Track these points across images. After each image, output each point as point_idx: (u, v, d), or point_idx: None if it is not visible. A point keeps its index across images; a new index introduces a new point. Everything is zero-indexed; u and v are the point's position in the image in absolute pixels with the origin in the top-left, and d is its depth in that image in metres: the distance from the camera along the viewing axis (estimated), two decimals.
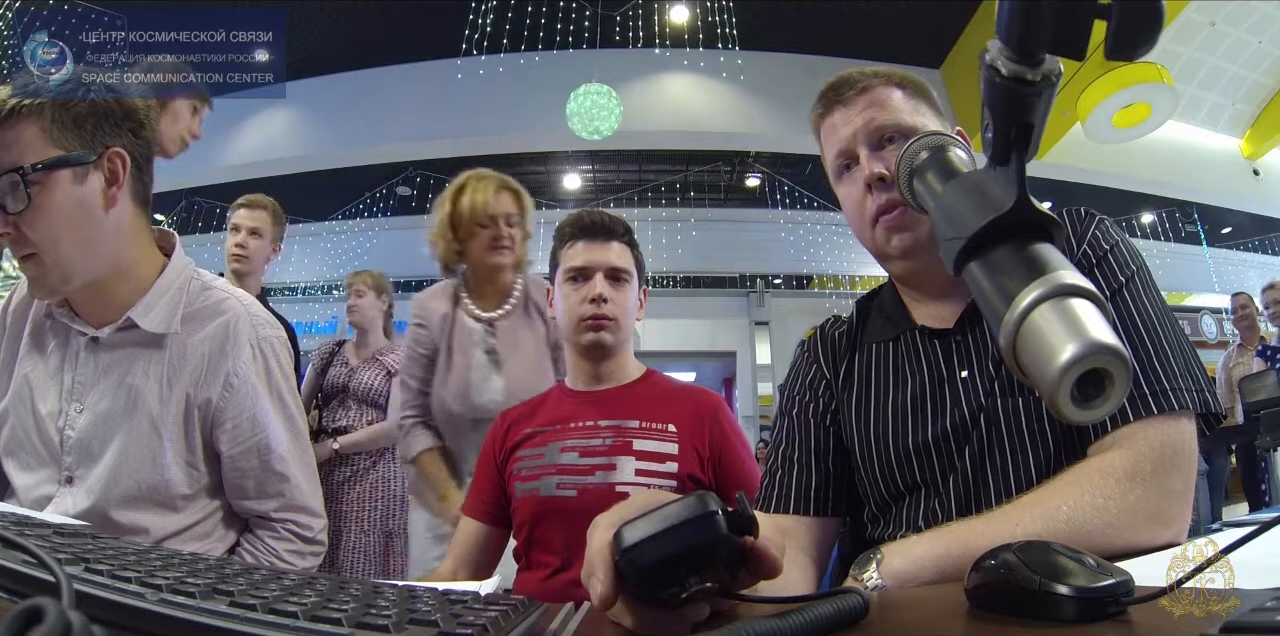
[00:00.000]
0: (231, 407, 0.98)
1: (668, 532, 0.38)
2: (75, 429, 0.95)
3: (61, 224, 0.89)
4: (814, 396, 0.90)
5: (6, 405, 0.99)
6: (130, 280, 0.98)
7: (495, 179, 1.83)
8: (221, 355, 0.98)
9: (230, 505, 1.03)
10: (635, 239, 1.38)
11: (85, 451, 0.94)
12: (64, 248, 0.90)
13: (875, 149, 0.83)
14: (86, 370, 0.97)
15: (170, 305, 0.99)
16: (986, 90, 0.42)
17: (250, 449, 1.00)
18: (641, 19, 7.48)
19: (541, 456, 1.26)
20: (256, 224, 2.31)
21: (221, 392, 0.98)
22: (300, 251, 9.61)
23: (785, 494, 0.85)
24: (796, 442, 0.88)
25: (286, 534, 1.04)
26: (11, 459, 0.98)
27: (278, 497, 1.03)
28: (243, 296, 1.06)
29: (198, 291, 1.02)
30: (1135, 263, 0.77)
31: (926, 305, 0.86)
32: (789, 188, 9.26)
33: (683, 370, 9.56)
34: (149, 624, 0.34)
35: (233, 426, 0.99)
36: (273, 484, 1.02)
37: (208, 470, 1.00)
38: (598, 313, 1.27)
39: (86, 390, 0.96)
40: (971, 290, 0.43)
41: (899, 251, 0.82)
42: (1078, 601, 0.37)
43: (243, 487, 1.01)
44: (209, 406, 0.97)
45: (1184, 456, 0.66)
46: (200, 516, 1.00)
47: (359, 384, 2.57)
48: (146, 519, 0.94)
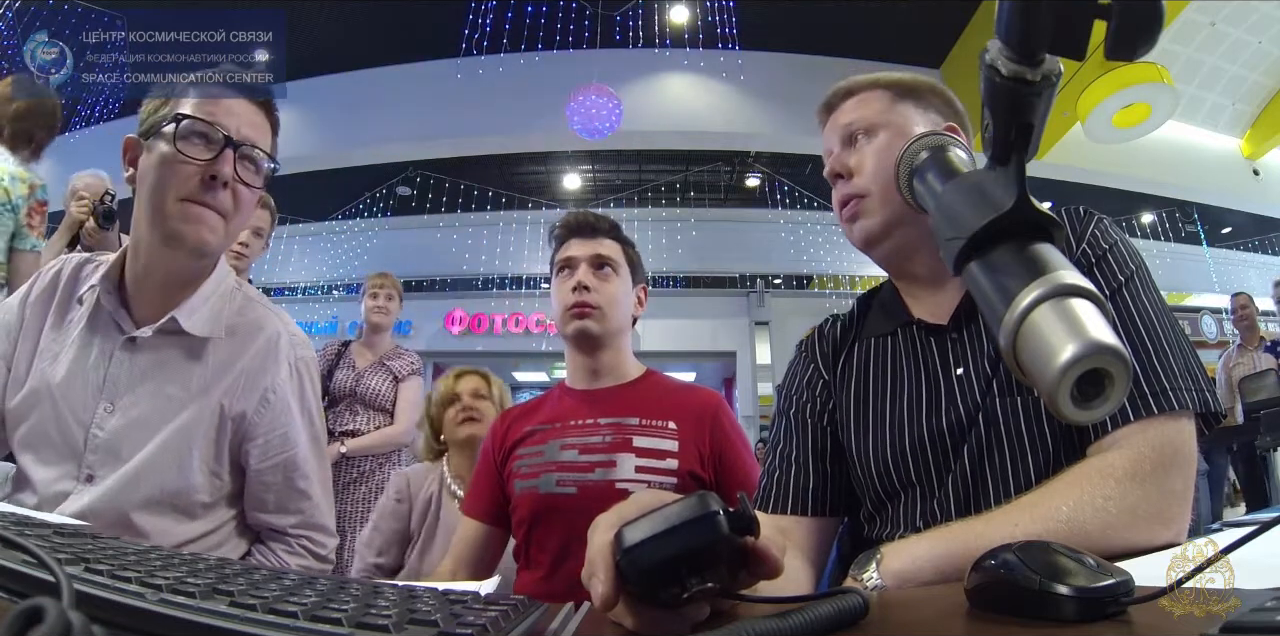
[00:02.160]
0: (265, 423, 0.99)
1: (669, 533, 0.38)
2: (104, 429, 0.94)
3: (248, 207, 0.97)
4: (811, 396, 0.90)
5: (26, 398, 0.97)
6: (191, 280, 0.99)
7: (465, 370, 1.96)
8: (261, 371, 0.99)
9: (245, 516, 1.03)
10: (625, 236, 1.40)
11: (112, 453, 0.94)
12: (240, 223, 0.97)
13: (845, 146, 0.87)
14: (121, 370, 0.96)
15: (213, 311, 0.99)
16: (986, 90, 0.42)
17: (277, 465, 1.00)
18: (641, 19, 7.48)
19: (541, 454, 1.27)
20: (260, 223, 2.32)
21: (258, 407, 0.98)
22: (300, 251, 9.62)
23: (783, 494, 0.85)
24: (794, 443, 0.88)
25: (300, 549, 1.04)
26: (29, 452, 0.96)
27: (297, 514, 1.03)
28: (281, 313, 1.07)
29: (241, 303, 1.03)
30: (1134, 262, 0.77)
31: (923, 299, 0.86)
32: (789, 188, 9.27)
33: (683, 370, 9.57)
34: (149, 623, 0.34)
35: (264, 441, 0.99)
36: (294, 501, 1.02)
37: (230, 480, 1.00)
38: (581, 300, 1.29)
39: (119, 392, 0.95)
40: (971, 290, 0.43)
41: (859, 241, 0.86)
42: (1078, 601, 0.37)
43: (264, 501, 1.01)
44: (243, 420, 0.98)
45: (1184, 456, 0.66)
46: (216, 525, 0.99)
47: (365, 389, 2.61)
48: (164, 524, 0.94)
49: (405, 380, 2.63)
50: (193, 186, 0.91)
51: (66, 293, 1.01)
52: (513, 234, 9.17)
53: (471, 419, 1.80)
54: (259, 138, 0.96)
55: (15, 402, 0.97)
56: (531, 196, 9.63)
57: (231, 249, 2.26)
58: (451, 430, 1.82)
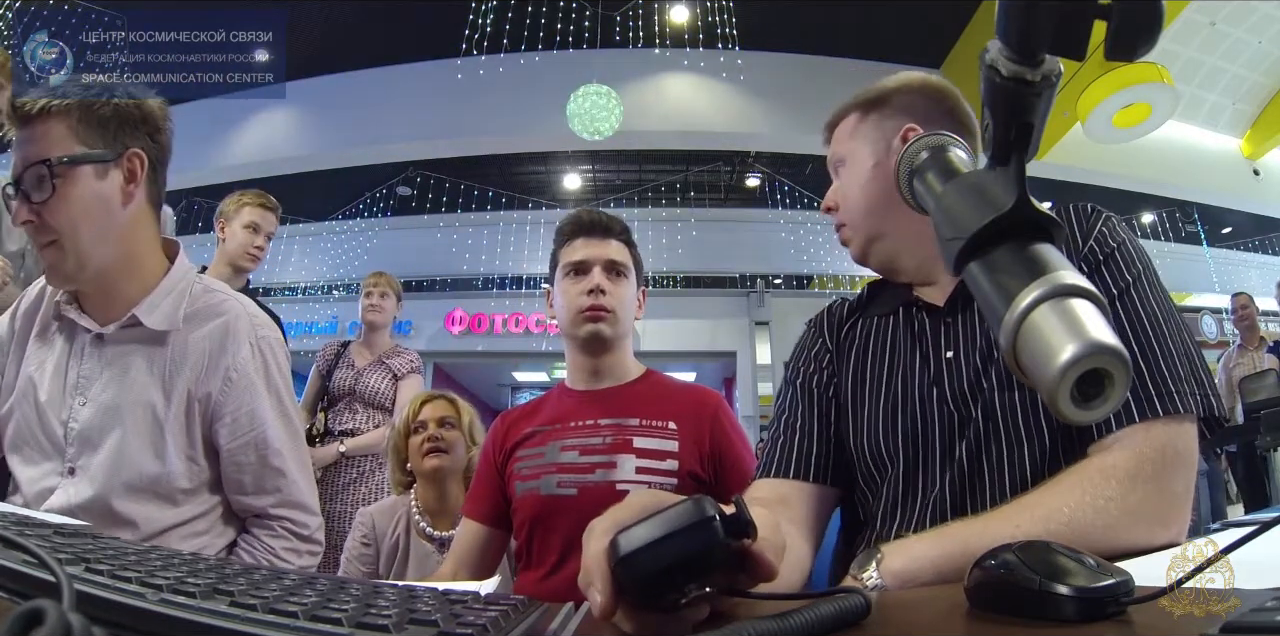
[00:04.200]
0: (230, 402, 1.01)
1: (665, 540, 0.37)
2: (79, 421, 0.98)
3: (81, 214, 0.96)
4: (818, 367, 0.92)
5: (13, 402, 1.02)
6: (137, 278, 1.02)
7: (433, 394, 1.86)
8: (221, 351, 1.02)
9: (229, 503, 1.05)
10: (632, 238, 1.38)
11: (86, 441, 0.97)
12: (83, 236, 0.96)
13: (835, 178, 0.94)
14: (90, 364, 1.00)
15: (173, 305, 1.02)
16: (986, 90, 0.42)
17: (248, 443, 1.02)
18: (641, 19, 7.49)
19: (541, 455, 1.26)
20: (272, 228, 2.38)
21: (221, 387, 1.01)
22: (300, 251, 9.62)
23: (785, 459, 0.87)
24: (799, 411, 0.90)
25: (283, 531, 1.05)
26: (16, 454, 1.01)
27: (274, 493, 1.05)
28: (243, 299, 1.10)
29: (199, 293, 1.06)
30: (1142, 262, 0.77)
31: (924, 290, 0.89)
32: (789, 188, 9.26)
33: (683, 370, 9.56)
34: (149, 623, 0.34)
35: (231, 420, 1.01)
36: (270, 479, 1.04)
37: (208, 465, 1.02)
38: (596, 303, 1.28)
39: (90, 384, 0.99)
40: (971, 290, 0.43)
41: (856, 260, 0.93)
42: (1078, 601, 0.37)
43: (241, 482, 1.03)
44: (209, 400, 1.00)
45: (1185, 458, 0.67)
46: (199, 511, 1.02)
47: (364, 387, 2.60)
48: (147, 510, 0.97)
49: (405, 378, 2.62)
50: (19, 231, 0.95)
51: (51, 305, 1.05)
52: (513, 234, 9.16)
53: (438, 449, 1.70)
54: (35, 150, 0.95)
55: (4, 410, 1.02)
56: (532, 196, 9.63)
57: (247, 252, 2.29)
58: (417, 461, 1.72)
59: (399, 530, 1.71)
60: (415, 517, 1.71)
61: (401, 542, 1.69)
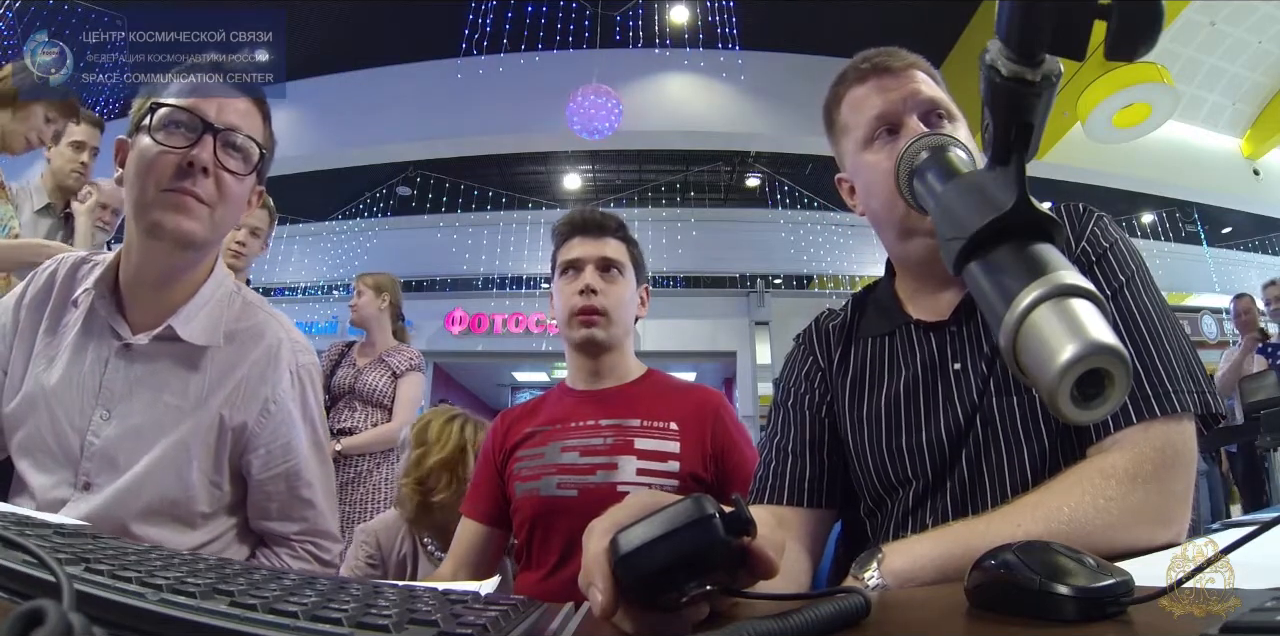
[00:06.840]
0: (266, 433, 0.97)
1: (664, 538, 0.38)
2: (100, 437, 0.92)
3: (237, 198, 0.95)
4: (809, 387, 0.90)
5: (21, 404, 0.95)
6: (188, 279, 0.97)
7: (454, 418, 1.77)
8: (261, 381, 0.97)
9: (246, 522, 1.02)
10: (631, 236, 1.38)
11: (109, 461, 0.92)
12: (228, 214, 0.95)
13: (925, 121, 0.82)
14: (117, 377, 0.94)
15: (211, 318, 0.97)
16: (986, 90, 0.42)
17: (280, 475, 0.99)
18: (641, 19, 7.49)
19: (542, 456, 1.26)
20: (257, 223, 2.31)
21: (258, 418, 0.96)
22: (300, 251, 9.62)
23: (780, 485, 0.85)
24: (792, 434, 0.88)
25: (304, 554, 1.03)
26: (27, 458, 0.95)
27: (300, 522, 1.02)
28: (281, 318, 1.05)
29: (240, 308, 1.01)
30: (1134, 261, 0.77)
31: (924, 298, 0.86)
32: (789, 188, 9.26)
33: (683, 370, 9.55)
34: (149, 623, 0.34)
35: (265, 452, 0.97)
36: (297, 509, 1.01)
37: (231, 490, 0.98)
38: (587, 304, 1.27)
39: (115, 399, 0.94)
40: (971, 290, 0.43)
41: None
42: (1078, 601, 0.37)
43: (266, 509, 1.00)
44: (244, 431, 0.96)
45: (1185, 458, 0.66)
46: (216, 534, 0.98)
47: (364, 385, 2.58)
48: (164, 534, 0.92)
49: (404, 376, 2.61)
50: (171, 175, 0.88)
51: (62, 295, 0.99)
52: (513, 234, 9.16)
53: None
54: (244, 123, 0.94)
55: (11, 408, 0.96)
56: (532, 196, 9.63)
57: (228, 248, 2.25)
58: None
59: (404, 548, 1.69)
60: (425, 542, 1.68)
61: (409, 560, 1.67)
